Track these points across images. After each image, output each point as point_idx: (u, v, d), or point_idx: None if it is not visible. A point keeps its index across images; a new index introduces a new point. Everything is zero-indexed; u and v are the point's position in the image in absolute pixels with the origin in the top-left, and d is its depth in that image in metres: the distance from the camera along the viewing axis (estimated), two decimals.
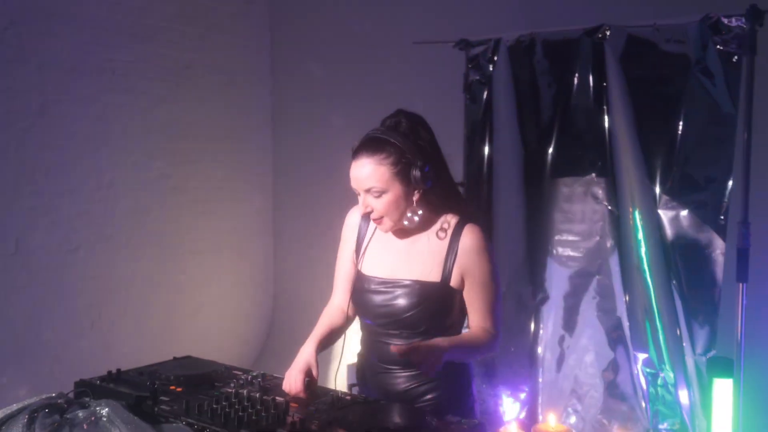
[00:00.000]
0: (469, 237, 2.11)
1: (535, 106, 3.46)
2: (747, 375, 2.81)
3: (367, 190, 2.07)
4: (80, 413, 1.79)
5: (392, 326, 2.14)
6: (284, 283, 5.03)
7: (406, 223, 2.13)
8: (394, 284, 2.14)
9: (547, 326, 3.48)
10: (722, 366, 2.77)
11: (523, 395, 3.51)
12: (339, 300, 2.34)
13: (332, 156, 4.64)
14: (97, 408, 1.78)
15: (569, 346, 3.42)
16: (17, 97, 3.60)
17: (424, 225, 2.17)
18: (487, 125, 3.58)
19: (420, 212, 2.12)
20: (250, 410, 1.82)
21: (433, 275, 2.11)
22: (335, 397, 1.97)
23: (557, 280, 3.44)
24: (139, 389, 1.96)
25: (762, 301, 3.13)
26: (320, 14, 4.76)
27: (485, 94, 3.57)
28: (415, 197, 2.09)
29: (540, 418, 3.37)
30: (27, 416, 1.76)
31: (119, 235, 4.09)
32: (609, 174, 3.28)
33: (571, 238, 3.41)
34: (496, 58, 3.51)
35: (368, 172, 2.05)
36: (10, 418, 1.79)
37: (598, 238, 3.34)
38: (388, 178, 2.05)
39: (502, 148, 3.53)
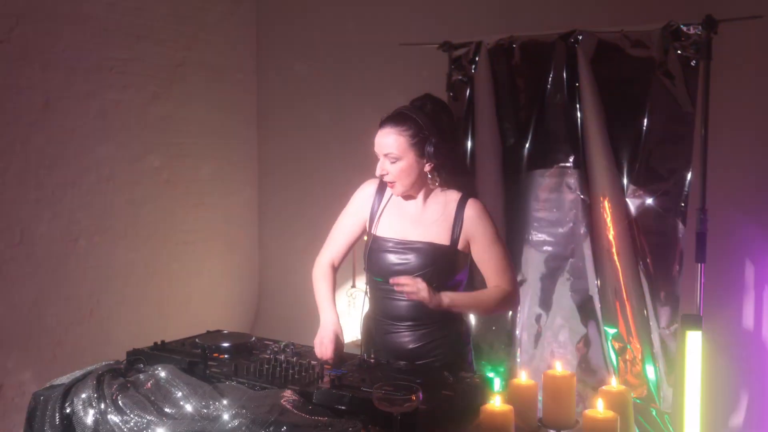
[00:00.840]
0: (473, 208, 2.41)
1: (514, 103, 3.68)
2: (705, 338, 3.11)
3: (386, 155, 2.36)
4: (141, 376, 2.01)
5: None
6: (269, 272, 5.18)
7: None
8: (408, 245, 2.40)
9: (525, 306, 3.70)
10: (693, 321, 3.09)
11: (502, 369, 3.79)
12: (331, 254, 2.59)
13: (315, 152, 4.88)
14: (156, 371, 2.01)
15: (545, 324, 3.66)
16: (23, 94, 3.72)
17: (430, 195, 2.45)
18: (469, 121, 3.78)
19: (429, 178, 2.39)
20: (290, 371, 2.07)
21: (443, 239, 2.39)
22: (361, 360, 2.24)
23: (534, 264, 3.67)
24: (187, 356, 2.19)
25: (718, 279, 3.44)
26: (306, 15, 4.88)
27: (467, 92, 3.77)
28: (427, 169, 2.38)
29: None
30: (95, 379, 1.97)
31: (117, 226, 4.23)
32: (581, 166, 3.49)
33: (546, 224, 3.64)
34: (477, 59, 3.71)
35: (389, 140, 2.34)
36: (78, 381, 2.01)
37: (571, 224, 3.57)
38: (405, 147, 2.33)
39: (483, 142, 3.73)
